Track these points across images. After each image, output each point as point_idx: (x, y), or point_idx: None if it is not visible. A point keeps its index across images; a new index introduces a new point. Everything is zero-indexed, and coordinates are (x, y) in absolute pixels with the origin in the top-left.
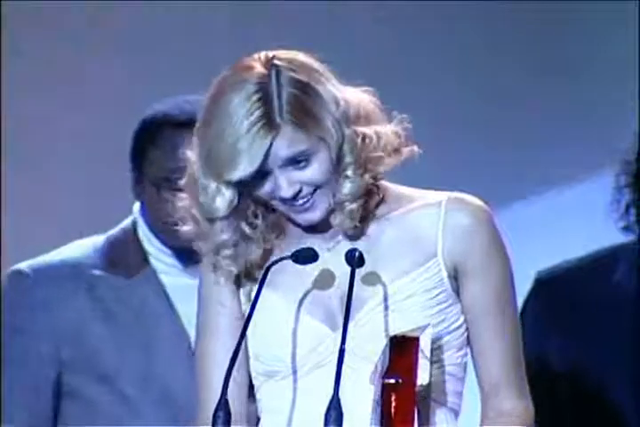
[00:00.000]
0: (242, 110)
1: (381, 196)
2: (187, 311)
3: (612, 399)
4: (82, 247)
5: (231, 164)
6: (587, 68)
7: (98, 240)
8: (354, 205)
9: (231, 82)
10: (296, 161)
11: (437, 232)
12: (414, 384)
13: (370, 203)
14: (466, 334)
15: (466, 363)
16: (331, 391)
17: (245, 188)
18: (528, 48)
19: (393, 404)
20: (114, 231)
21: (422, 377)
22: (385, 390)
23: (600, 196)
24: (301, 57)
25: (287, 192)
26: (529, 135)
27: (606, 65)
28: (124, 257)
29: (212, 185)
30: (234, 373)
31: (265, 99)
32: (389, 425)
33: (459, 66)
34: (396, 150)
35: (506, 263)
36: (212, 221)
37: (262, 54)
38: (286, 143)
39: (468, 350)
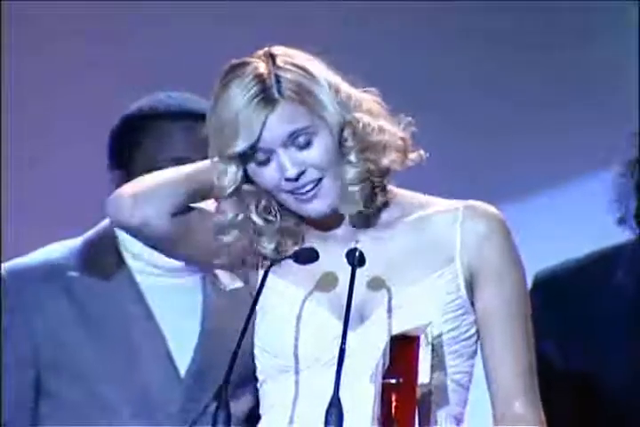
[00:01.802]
0: (240, 89)
1: (393, 200)
2: (164, 313)
3: (612, 399)
4: (58, 249)
5: (232, 137)
6: (587, 68)
7: (74, 242)
8: (355, 188)
9: (230, 69)
10: (298, 141)
11: (455, 238)
12: (415, 384)
13: (382, 206)
14: (476, 345)
15: (472, 372)
16: (344, 391)
17: (255, 175)
18: (528, 48)
19: (393, 404)
20: (90, 233)
21: (423, 376)
22: (385, 390)
23: (600, 196)
24: (298, 51)
25: (291, 171)
26: (529, 135)
27: (607, 66)
28: (100, 258)
29: (219, 166)
30: None
31: (261, 77)
32: (390, 425)
33: (459, 66)
34: (403, 151)
35: (520, 272)
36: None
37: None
38: (287, 119)
39: (476, 361)
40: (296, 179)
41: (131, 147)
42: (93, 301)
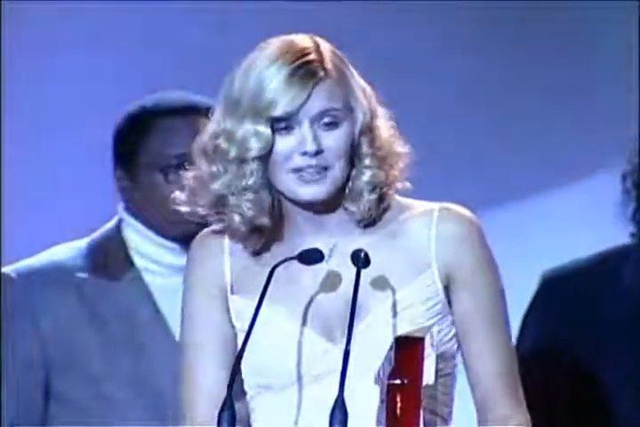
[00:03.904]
0: (285, 58)
1: (387, 204)
2: (173, 313)
3: (616, 399)
4: (66, 250)
5: (273, 101)
6: (587, 68)
7: (81, 243)
8: (373, 196)
9: (273, 41)
10: (325, 120)
11: (430, 242)
12: (419, 385)
13: (377, 211)
14: (456, 345)
15: (456, 373)
16: (329, 405)
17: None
18: (528, 49)
19: (398, 404)
20: (96, 234)
21: (428, 377)
22: (390, 391)
23: (602, 195)
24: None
25: (311, 146)
26: (529, 134)
27: (607, 65)
28: (108, 259)
29: (248, 127)
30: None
31: (307, 51)
32: (395, 426)
33: (457, 65)
34: (406, 166)
35: (495, 274)
36: (241, 162)
37: None
38: (325, 95)
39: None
40: (312, 155)
41: (135, 144)
42: (103, 301)
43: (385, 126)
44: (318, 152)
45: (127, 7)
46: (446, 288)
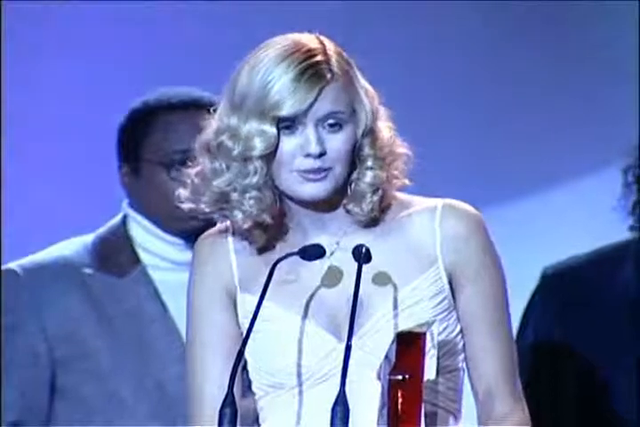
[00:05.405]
0: (295, 57)
1: (388, 203)
2: (179, 309)
3: (615, 396)
4: (72, 246)
5: (283, 100)
6: (587, 67)
7: (87, 239)
8: (375, 197)
9: (280, 39)
10: (330, 122)
11: (435, 239)
12: (421, 380)
13: (379, 208)
14: (463, 340)
15: (463, 368)
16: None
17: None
18: (530, 46)
19: (400, 400)
20: (102, 230)
21: (429, 372)
22: (391, 387)
23: (603, 193)
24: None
25: (315, 148)
26: (530, 133)
27: (606, 64)
28: (114, 255)
29: (254, 126)
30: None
31: (315, 53)
32: (396, 422)
33: (458, 64)
34: (406, 164)
35: (499, 270)
36: (245, 160)
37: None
38: (331, 98)
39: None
40: (315, 157)
41: (138, 140)
42: (109, 297)
43: (386, 127)
44: (321, 154)
45: (127, 7)
46: (450, 284)
